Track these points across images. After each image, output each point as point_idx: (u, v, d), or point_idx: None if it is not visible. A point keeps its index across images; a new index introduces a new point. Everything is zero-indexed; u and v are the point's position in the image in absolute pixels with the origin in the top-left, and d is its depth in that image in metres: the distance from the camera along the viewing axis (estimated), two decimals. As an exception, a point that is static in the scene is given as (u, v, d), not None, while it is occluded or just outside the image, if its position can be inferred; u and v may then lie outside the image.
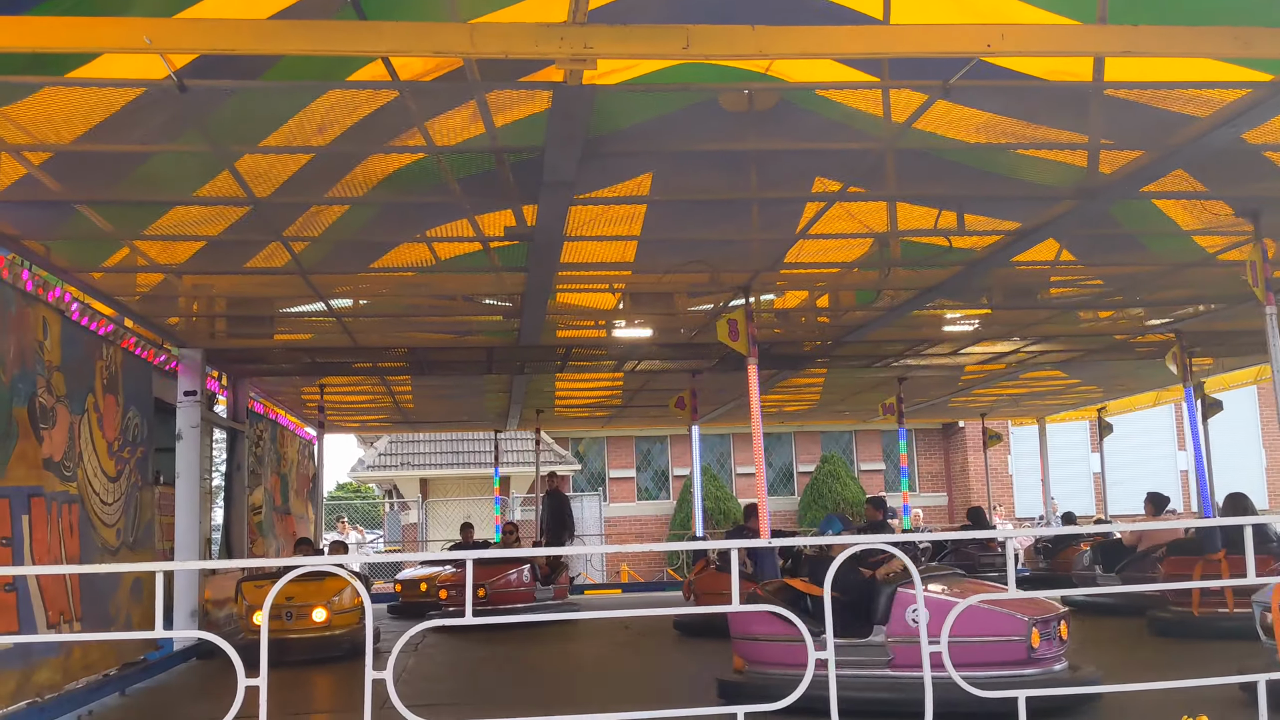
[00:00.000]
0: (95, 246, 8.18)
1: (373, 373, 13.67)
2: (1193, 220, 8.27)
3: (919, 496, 26.30)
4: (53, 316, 7.99)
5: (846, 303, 10.65)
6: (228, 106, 5.95)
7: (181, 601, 10.59)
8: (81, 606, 8.24)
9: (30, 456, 7.37)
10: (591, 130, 6.00)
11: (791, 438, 27.36)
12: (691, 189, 7.51)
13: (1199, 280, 10.09)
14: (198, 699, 8.54)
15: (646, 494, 27.22)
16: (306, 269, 8.69)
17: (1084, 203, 7.26)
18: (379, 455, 27.60)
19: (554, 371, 13.80)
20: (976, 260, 8.76)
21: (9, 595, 6.92)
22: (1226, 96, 5.79)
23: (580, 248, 8.59)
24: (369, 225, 8.21)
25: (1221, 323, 11.85)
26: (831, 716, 5.05)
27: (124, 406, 9.48)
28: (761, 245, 8.73)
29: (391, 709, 4.92)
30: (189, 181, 7.04)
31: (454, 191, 7.20)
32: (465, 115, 6.24)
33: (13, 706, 6.91)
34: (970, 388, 16.99)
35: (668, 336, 11.80)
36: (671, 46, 4.67)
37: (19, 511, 7.11)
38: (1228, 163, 6.97)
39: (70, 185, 6.76)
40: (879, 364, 14.05)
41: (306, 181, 7.04)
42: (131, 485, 9.58)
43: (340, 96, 6.02)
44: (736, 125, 6.58)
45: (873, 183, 7.44)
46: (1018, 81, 5.93)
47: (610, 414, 19.60)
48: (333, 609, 10.50)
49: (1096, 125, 6.32)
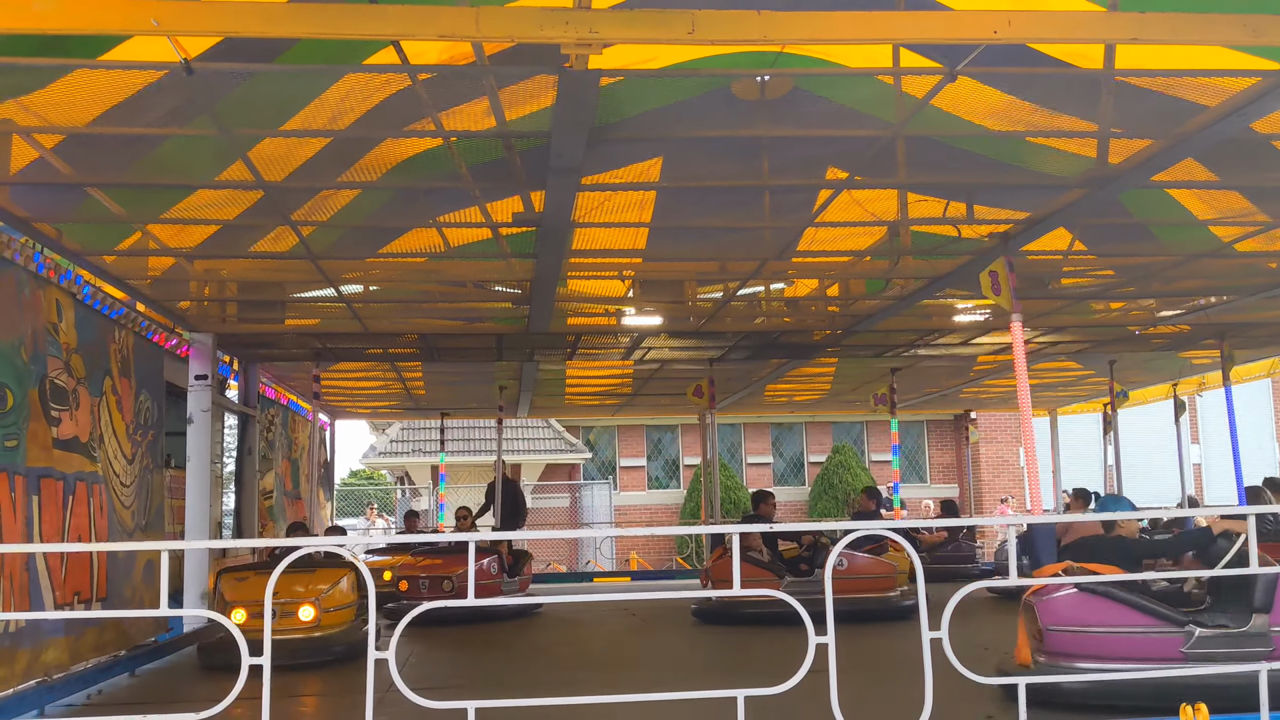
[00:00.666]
0: (106, 230, 8.22)
1: (383, 359, 13.71)
2: (1208, 209, 8.23)
3: (930, 487, 26.28)
4: (66, 299, 8.03)
5: (856, 291, 10.64)
6: (240, 91, 5.97)
7: (191, 585, 10.65)
8: (107, 587, 8.34)
9: (41, 438, 7.42)
10: (600, 118, 6.01)
11: (802, 428, 27.36)
12: (701, 175, 7.52)
13: (1212, 271, 10.04)
14: (206, 681, 8.60)
15: (657, 483, 27.26)
16: (317, 254, 8.72)
17: (1093, 192, 7.23)
18: (391, 442, 27.70)
19: (563, 359, 13.83)
20: (986, 249, 8.73)
21: (24, 575, 6.99)
22: (1235, 85, 5.76)
23: (590, 234, 8.60)
24: (379, 211, 8.24)
25: (1234, 314, 11.80)
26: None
27: (136, 390, 9.54)
28: (772, 233, 8.74)
29: (396, 692, 4.94)
30: (201, 166, 7.07)
31: (464, 178, 7.22)
32: (478, 108, 6.26)
33: (22, 685, 6.97)
34: (981, 378, 16.95)
35: (678, 324, 11.81)
36: (677, 31, 4.68)
37: (30, 492, 7.17)
38: (1241, 152, 6.94)
39: (82, 169, 6.80)
40: (889, 353, 14.03)
41: (319, 167, 7.07)
42: (144, 469, 9.64)
43: (353, 85, 6.03)
44: (747, 113, 6.58)
45: (883, 170, 7.43)
46: (1028, 69, 5.92)
47: (621, 402, 19.62)
48: (321, 606, 9.29)
49: (1106, 113, 6.29)
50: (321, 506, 18.13)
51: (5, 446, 6.82)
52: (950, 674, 5.08)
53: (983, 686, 5.53)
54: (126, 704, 7.52)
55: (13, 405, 6.83)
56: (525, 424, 25.82)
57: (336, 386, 16.66)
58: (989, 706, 6.38)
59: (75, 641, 7.88)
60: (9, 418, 6.85)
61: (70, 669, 7.70)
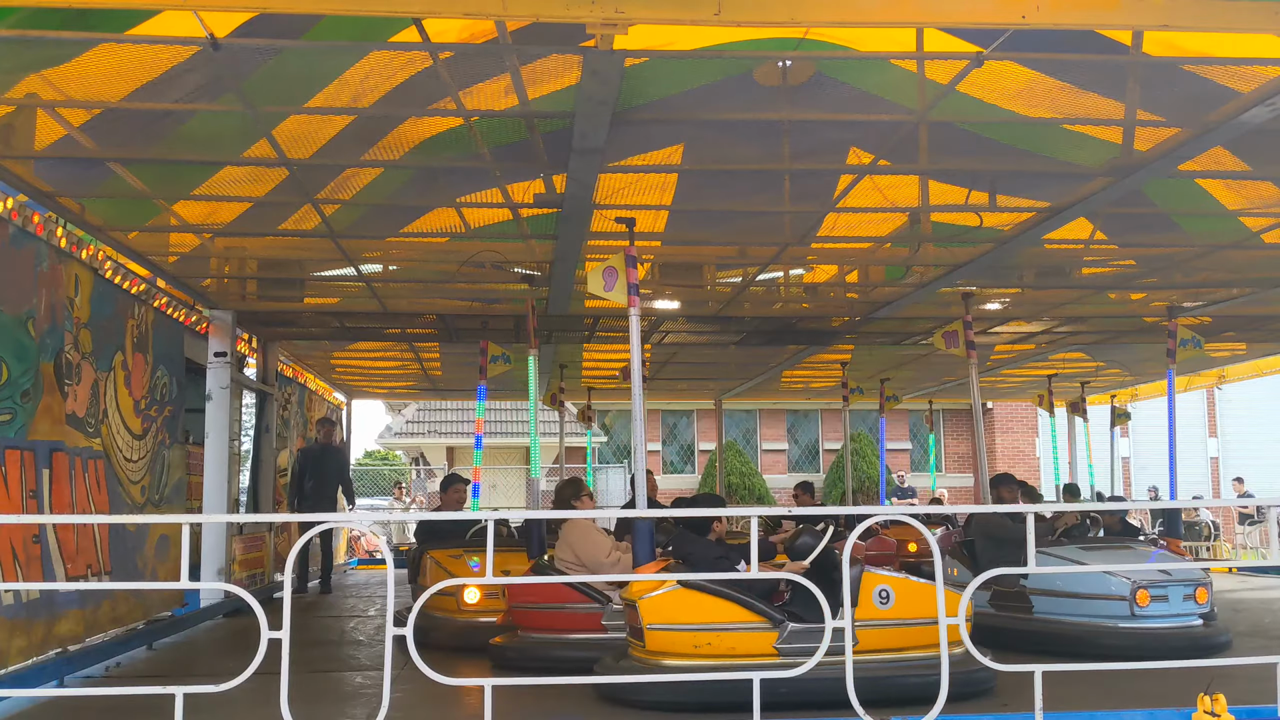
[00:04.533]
0: (129, 206, 8.25)
1: (401, 338, 13.74)
2: (1238, 199, 8.17)
3: (946, 477, 26.25)
4: (85, 274, 8.07)
5: (876, 278, 10.61)
6: (266, 69, 5.98)
7: (209, 559, 10.72)
8: (111, 561, 8.38)
9: (55, 412, 7.47)
10: (623, 101, 6.00)
11: (818, 415, 27.35)
12: (723, 159, 7.50)
13: (1235, 263, 9.98)
14: (223, 654, 8.67)
15: (672, 467, 27.30)
16: (338, 233, 8.74)
17: (1118, 181, 7.18)
18: (406, 423, 27.81)
19: (581, 342, 13.84)
20: (1007, 238, 8.70)
21: (35, 546, 7.04)
22: (1265, 74, 5.71)
23: (610, 217, 8.58)
24: (401, 190, 8.25)
25: (1255, 307, 11.73)
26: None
27: (153, 366, 9.58)
28: (793, 218, 8.71)
29: (413, 668, 4.96)
30: (226, 144, 7.09)
31: (485, 158, 7.21)
32: (499, 86, 6.25)
33: (41, 657, 7.04)
34: (999, 368, 16.90)
35: (696, 309, 11.80)
36: (703, 12, 4.66)
37: (41, 465, 7.21)
38: (1273, 142, 6.87)
39: (106, 145, 6.83)
40: (907, 341, 13.99)
41: (342, 146, 7.08)
42: (158, 444, 9.68)
43: (375, 64, 6.04)
44: (770, 98, 6.56)
45: (905, 156, 7.40)
46: (1056, 54, 5.87)
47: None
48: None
49: (1134, 99, 6.24)
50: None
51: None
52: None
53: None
54: (145, 676, 7.58)
55: (7, 379, 6.80)
56: (540, 407, 25.84)
57: (354, 366, 16.71)
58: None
59: (93, 613, 7.95)
60: (3, 392, 6.76)
61: (86, 641, 7.76)
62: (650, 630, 6.24)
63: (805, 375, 18.34)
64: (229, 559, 11.09)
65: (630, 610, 6.48)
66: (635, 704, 6.15)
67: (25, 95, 6.10)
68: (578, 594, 7.60)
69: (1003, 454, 25.94)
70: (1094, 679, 6.75)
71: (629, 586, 6.55)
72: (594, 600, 7.60)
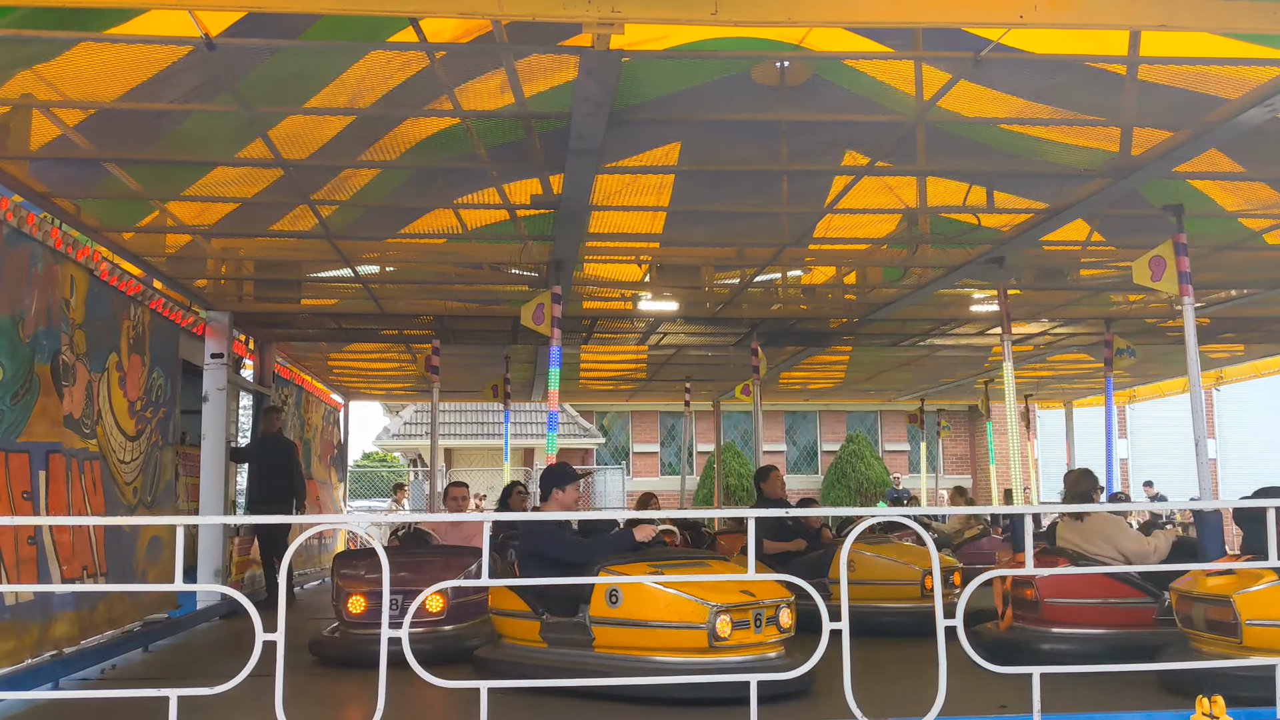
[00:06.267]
0: (125, 206, 8.23)
1: (399, 340, 13.72)
2: (1237, 201, 8.15)
3: (944, 478, 26.22)
4: (80, 275, 8.03)
5: (874, 279, 10.59)
6: (262, 70, 5.96)
7: (206, 561, 10.68)
8: (107, 562, 8.34)
9: (52, 413, 7.43)
10: (620, 101, 5.98)
11: (817, 416, 27.34)
12: (720, 160, 7.48)
13: (1234, 264, 9.97)
14: (219, 656, 8.63)
15: (670, 469, 27.27)
16: (335, 234, 8.72)
17: (1115, 183, 7.17)
18: (404, 424, 27.77)
19: (579, 343, 13.81)
20: (1004, 239, 8.68)
21: (30, 548, 7.00)
22: (1261, 75, 5.69)
23: (607, 218, 8.58)
24: (397, 191, 8.23)
25: (1253, 309, 11.72)
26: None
27: (149, 367, 9.54)
28: (790, 219, 8.69)
29: (407, 669, 4.93)
30: (221, 144, 7.07)
31: (482, 158, 7.20)
32: (495, 83, 6.23)
33: (36, 658, 7.01)
34: (997, 369, 16.88)
35: (694, 310, 11.78)
36: (700, 12, 4.64)
37: (37, 467, 7.18)
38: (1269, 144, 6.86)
39: (102, 145, 6.80)
40: (905, 342, 13.98)
41: (338, 146, 7.06)
42: (152, 445, 9.64)
43: (372, 65, 6.02)
44: (767, 98, 6.54)
45: (902, 158, 7.39)
46: (1050, 54, 5.86)
47: (635, 388, 19.60)
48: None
49: (1130, 106, 6.23)
50: (334, 487, 18.18)
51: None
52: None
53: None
54: (140, 678, 7.55)
55: (1, 380, 6.79)
56: (538, 408, 25.85)
57: (351, 367, 16.69)
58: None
59: (88, 615, 7.91)
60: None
61: (81, 643, 7.73)
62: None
63: (804, 376, 18.33)
64: (226, 561, 11.06)
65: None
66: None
67: (21, 95, 6.08)
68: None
69: (1001, 455, 25.86)
70: (1093, 679, 6.71)
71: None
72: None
